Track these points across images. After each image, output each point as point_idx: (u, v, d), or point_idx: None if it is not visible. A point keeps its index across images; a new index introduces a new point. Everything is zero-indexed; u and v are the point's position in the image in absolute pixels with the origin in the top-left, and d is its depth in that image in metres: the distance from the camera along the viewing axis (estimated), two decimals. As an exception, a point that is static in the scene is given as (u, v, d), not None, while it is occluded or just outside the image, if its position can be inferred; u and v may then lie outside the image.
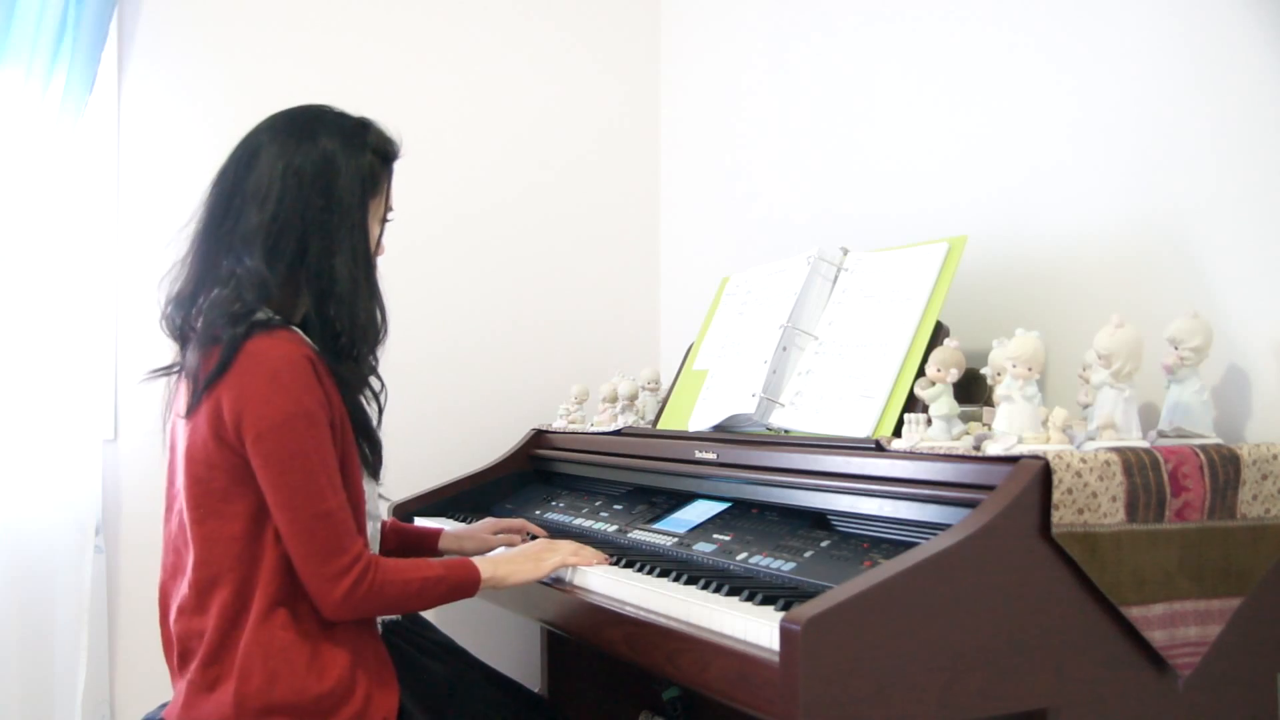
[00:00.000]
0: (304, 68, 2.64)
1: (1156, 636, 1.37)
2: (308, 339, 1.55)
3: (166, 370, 1.64)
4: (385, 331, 1.63)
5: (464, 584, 1.61)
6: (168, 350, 1.64)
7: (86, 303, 2.42)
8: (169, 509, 1.62)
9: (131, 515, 2.45)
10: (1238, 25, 1.63)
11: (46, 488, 2.34)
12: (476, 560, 1.65)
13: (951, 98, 2.12)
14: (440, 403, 2.76)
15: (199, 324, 1.55)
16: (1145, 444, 1.45)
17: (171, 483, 1.62)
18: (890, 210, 2.26)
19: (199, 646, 1.52)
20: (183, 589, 1.55)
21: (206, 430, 1.50)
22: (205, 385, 1.50)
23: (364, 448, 1.61)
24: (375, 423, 1.65)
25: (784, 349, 1.93)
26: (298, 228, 1.54)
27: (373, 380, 1.64)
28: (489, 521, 2.04)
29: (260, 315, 1.53)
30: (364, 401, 1.62)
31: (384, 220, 1.68)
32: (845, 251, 2.00)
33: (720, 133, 2.84)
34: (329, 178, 1.57)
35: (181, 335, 1.60)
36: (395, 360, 1.80)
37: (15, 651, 2.30)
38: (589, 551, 1.77)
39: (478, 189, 2.85)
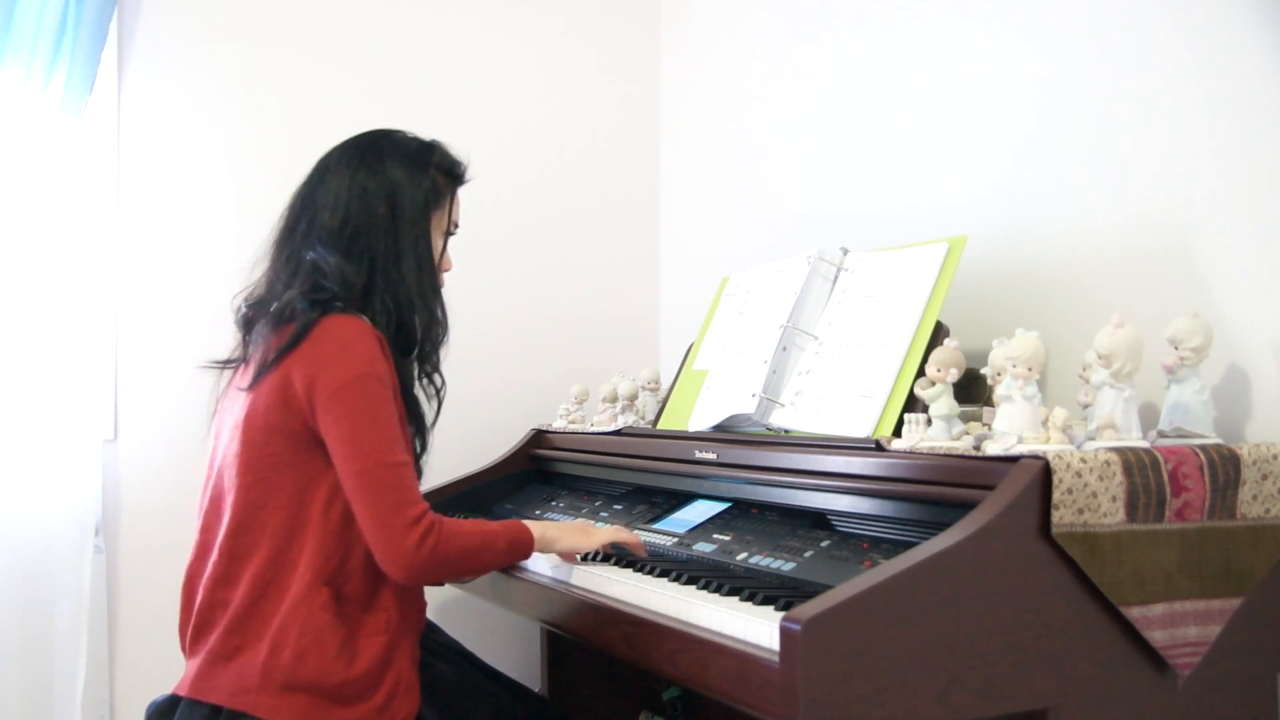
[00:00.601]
0: (304, 67, 2.64)
1: (1156, 636, 1.37)
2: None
3: (225, 363, 1.70)
4: (446, 332, 1.73)
5: (519, 542, 1.65)
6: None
7: (86, 303, 2.42)
8: (204, 491, 1.66)
9: (131, 515, 2.44)
10: (1238, 24, 1.63)
11: (46, 488, 2.33)
12: (526, 522, 1.69)
13: (951, 97, 2.12)
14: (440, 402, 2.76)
15: (273, 308, 1.61)
16: (1145, 444, 1.45)
17: (212, 464, 1.66)
18: (890, 210, 2.25)
19: (223, 616, 1.55)
20: (211, 564, 1.58)
21: (271, 397, 1.55)
22: (276, 357, 1.55)
23: (415, 443, 1.70)
24: (432, 420, 1.74)
25: (784, 349, 1.93)
26: (366, 232, 1.64)
27: (435, 377, 1.74)
28: None
29: (338, 304, 1.60)
30: (424, 399, 1.71)
31: (448, 233, 1.78)
32: (845, 251, 2.00)
33: (720, 132, 2.84)
34: (391, 190, 1.67)
35: (249, 326, 1.66)
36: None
37: (15, 651, 2.29)
38: (634, 535, 1.80)
39: (477, 187, 2.83)
